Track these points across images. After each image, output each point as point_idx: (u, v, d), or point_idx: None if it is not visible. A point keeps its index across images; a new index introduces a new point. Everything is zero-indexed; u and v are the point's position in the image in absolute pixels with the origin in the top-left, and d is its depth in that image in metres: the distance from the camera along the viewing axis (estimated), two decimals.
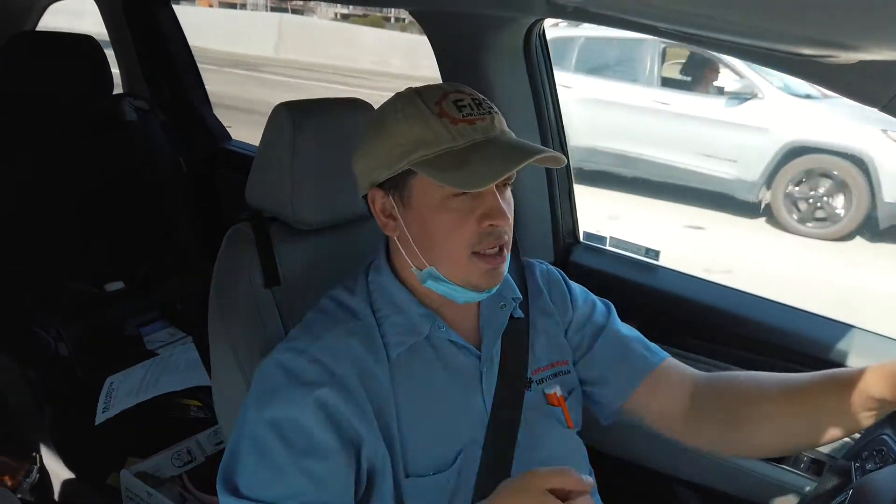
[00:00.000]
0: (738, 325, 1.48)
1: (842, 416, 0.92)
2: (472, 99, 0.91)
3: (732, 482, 1.47)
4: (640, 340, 1.11)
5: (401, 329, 0.95)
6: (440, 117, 0.88)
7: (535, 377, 1.03)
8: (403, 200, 0.92)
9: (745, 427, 1.00)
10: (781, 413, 0.97)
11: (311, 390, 0.87)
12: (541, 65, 1.65)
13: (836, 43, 0.52)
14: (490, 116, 0.91)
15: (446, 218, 0.89)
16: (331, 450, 0.86)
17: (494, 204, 0.89)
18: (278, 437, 0.86)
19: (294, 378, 0.89)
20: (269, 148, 1.15)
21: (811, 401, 0.95)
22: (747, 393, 1.02)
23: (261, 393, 0.90)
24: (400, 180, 0.91)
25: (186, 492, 1.69)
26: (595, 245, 1.75)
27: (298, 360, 0.90)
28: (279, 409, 0.87)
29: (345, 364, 0.90)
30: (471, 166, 0.86)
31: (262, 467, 0.85)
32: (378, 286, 0.99)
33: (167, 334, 2.30)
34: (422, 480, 0.92)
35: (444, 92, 0.91)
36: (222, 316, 1.13)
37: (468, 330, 1.00)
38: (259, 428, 0.87)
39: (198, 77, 2.68)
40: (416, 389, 0.94)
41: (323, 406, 0.87)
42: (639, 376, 1.07)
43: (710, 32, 0.66)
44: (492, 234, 0.90)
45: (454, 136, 0.88)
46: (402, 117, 0.90)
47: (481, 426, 0.96)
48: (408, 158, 0.89)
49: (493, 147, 0.88)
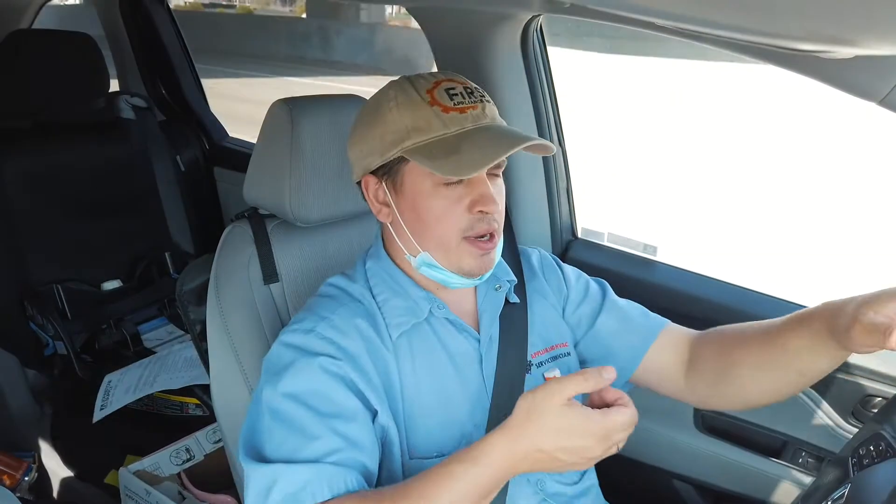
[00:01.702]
0: (737, 320, 1.47)
1: (812, 353, 0.92)
2: (463, 87, 0.93)
3: (731, 478, 1.47)
4: (639, 309, 1.12)
5: (401, 311, 0.96)
6: (431, 105, 0.90)
7: (534, 360, 1.04)
8: (396, 187, 0.94)
9: (733, 376, 1.00)
10: (763, 358, 0.97)
11: (319, 359, 0.88)
12: (538, 61, 1.65)
13: (834, 38, 0.52)
14: (481, 105, 0.92)
15: (438, 204, 0.91)
16: (355, 411, 0.87)
17: (485, 191, 0.90)
18: (301, 405, 0.86)
19: (304, 351, 0.90)
20: (266, 145, 1.15)
21: (783, 338, 0.94)
22: (732, 343, 1.02)
23: (273, 372, 0.90)
24: (392, 167, 0.93)
25: (185, 490, 1.69)
26: (593, 241, 1.75)
27: (307, 337, 0.91)
28: (293, 381, 0.88)
29: (353, 339, 0.92)
30: (461, 154, 0.87)
31: (291, 435, 0.85)
32: (376, 272, 1.00)
33: (165, 332, 2.31)
34: (426, 462, 0.92)
35: (436, 80, 0.93)
36: (221, 313, 1.13)
37: (466, 313, 1.02)
38: (278, 402, 0.87)
39: (194, 74, 2.67)
40: (418, 372, 0.95)
41: (336, 374, 0.88)
42: (644, 344, 1.08)
43: (708, 29, 0.66)
44: (482, 221, 0.91)
45: (445, 123, 0.89)
46: (394, 105, 0.92)
47: (483, 409, 0.97)
48: (400, 146, 0.91)
49: (483, 135, 0.89)
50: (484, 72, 1.56)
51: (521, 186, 1.65)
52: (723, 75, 8.38)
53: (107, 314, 2.21)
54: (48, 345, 2.12)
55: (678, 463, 1.53)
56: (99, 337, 2.18)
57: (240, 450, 0.89)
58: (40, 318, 2.12)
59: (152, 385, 1.98)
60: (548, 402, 0.75)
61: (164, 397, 2.03)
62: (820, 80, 0.84)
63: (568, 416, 0.74)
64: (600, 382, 0.75)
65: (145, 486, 1.65)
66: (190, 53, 2.65)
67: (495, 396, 0.98)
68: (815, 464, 1.38)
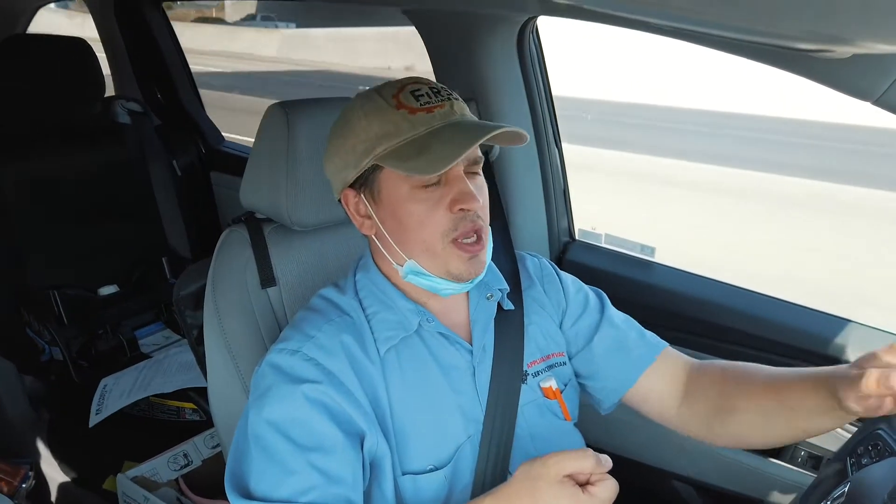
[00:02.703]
0: (734, 321, 1.48)
1: (819, 416, 0.92)
2: (429, 88, 0.92)
3: (730, 477, 1.47)
4: (637, 329, 1.12)
5: (390, 325, 0.95)
6: (398, 109, 0.90)
7: (529, 370, 1.03)
8: (374, 197, 0.93)
9: (730, 419, 1.00)
10: (763, 407, 0.97)
11: (303, 386, 0.87)
12: (534, 62, 1.65)
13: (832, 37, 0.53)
14: (449, 103, 0.92)
15: (417, 209, 0.90)
16: (335, 442, 0.86)
17: (463, 188, 0.89)
18: (281, 436, 0.86)
19: (286, 376, 0.89)
20: (262, 149, 1.15)
21: (791, 398, 0.94)
22: (735, 384, 1.02)
23: (258, 395, 0.90)
24: (368, 177, 0.93)
25: (183, 495, 1.69)
26: (590, 243, 1.75)
27: (292, 359, 0.90)
28: (275, 408, 0.87)
29: (338, 359, 0.90)
30: (430, 152, 0.86)
31: (271, 466, 0.85)
32: (366, 284, 0.99)
33: (162, 337, 2.30)
34: (419, 478, 0.91)
35: (401, 85, 0.93)
36: (218, 317, 1.13)
37: (458, 324, 1.00)
38: (261, 429, 0.87)
39: (190, 79, 2.67)
40: (408, 385, 0.94)
41: (318, 401, 0.87)
42: (639, 367, 1.07)
43: (706, 29, 0.67)
44: (465, 219, 0.90)
45: (413, 125, 0.89)
46: (362, 115, 0.92)
47: (476, 422, 0.96)
48: (371, 153, 0.90)
49: (452, 130, 0.89)
50: (480, 74, 1.56)
51: (517, 189, 1.66)
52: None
53: (103, 319, 2.20)
54: (45, 350, 2.11)
55: (678, 463, 1.53)
56: (96, 342, 2.17)
57: (226, 476, 0.88)
58: (37, 324, 2.12)
59: (147, 389, 1.98)
60: (545, 472, 0.75)
61: (161, 402, 2.02)
62: (815, 80, 0.84)
63: (561, 494, 0.74)
64: (598, 468, 0.74)
65: (143, 492, 1.64)
66: (185, 57, 2.65)
67: (489, 407, 0.97)
68: (813, 463, 1.38)
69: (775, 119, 7.94)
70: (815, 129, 7.62)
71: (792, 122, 7.84)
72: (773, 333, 1.43)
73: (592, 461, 0.74)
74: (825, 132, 7.48)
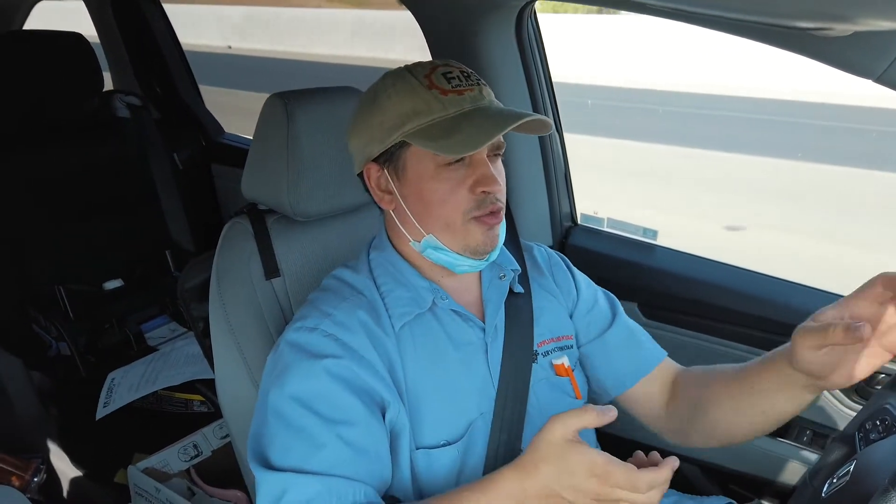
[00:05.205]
0: (737, 302, 1.48)
1: (777, 392, 0.93)
2: (460, 71, 0.94)
3: (737, 457, 1.48)
4: (645, 334, 1.14)
5: (404, 301, 0.97)
6: (430, 89, 0.91)
7: (540, 349, 1.04)
8: (398, 173, 0.95)
9: (704, 412, 1.02)
10: (732, 397, 0.99)
11: (324, 361, 0.88)
12: (533, 46, 1.65)
13: (833, 14, 0.52)
14: (478, 87, 0.93)
15: (440, 187, 0.92)
16: (360, 416, 0.87)
17: (486, 171, 0.92)
18: (307, 410, 0.86)
19: (306, 352, 0.90)
20: (263, 140, 1.15)
21: (756, 381, 0.96)
22: (709, 380, 1.04)
23: (278, 372, 0.91)
24: (394, 153, 0.94)
25: (195, 486, 1.70)
26: (593, 227, 1.75)
27: (311, 336, 0.91)
28: (298, 384, 0.88)
29: (357, 335, 0.92)
30: (460, 133, 0.88)
31: (298, 441, 0.86)
32: (380, 262, 1.01)
33: (168, 330, 2.31)
34: (433, 452, 0.93)
35: (433, 66, 0.94)
36: (224, 309, 1.13)
37: (471, 302, 1.02)
38: (284, 405, 0.88)
39: (189, 72, 2.66)
40: (422, 361, 0.95)
41: (340, 376, 0.88)
42: (644, 368, 1.10)
43: (705, 9, 0.66)
44: (485, 201, 0.92)
45: (444, 105, 0.90)
46: (393, 92, 0.93)
47: (489, 398, 0.98)
48: (400, 130, 0.91)
49: (481, 115, 0.90)
50: (479, 59, 1.56)
51: (519, 175, 1.65)
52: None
53: (109, 314, 2.22)
54: (51, 346, 2.13)
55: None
56: (102, 337, 2.19)
57: (248, 455, 0.89)
58: (42, 320, 2.13)
59: (154, 382, 1.99)
60: (551, 437, 0.75)
61: (168, 395, 2.04)
62: (816, 59, 0.84)
63: (569, 453, 0.75)
64: (601, 420, 0.75)
65: (155, 484, 1.65)
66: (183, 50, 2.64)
67: (501, 385, 0.98)
68: (820, 441, 1.39)
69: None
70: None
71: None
72: (775, 313, 1.43)
73: (593, 414, 0.75)
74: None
